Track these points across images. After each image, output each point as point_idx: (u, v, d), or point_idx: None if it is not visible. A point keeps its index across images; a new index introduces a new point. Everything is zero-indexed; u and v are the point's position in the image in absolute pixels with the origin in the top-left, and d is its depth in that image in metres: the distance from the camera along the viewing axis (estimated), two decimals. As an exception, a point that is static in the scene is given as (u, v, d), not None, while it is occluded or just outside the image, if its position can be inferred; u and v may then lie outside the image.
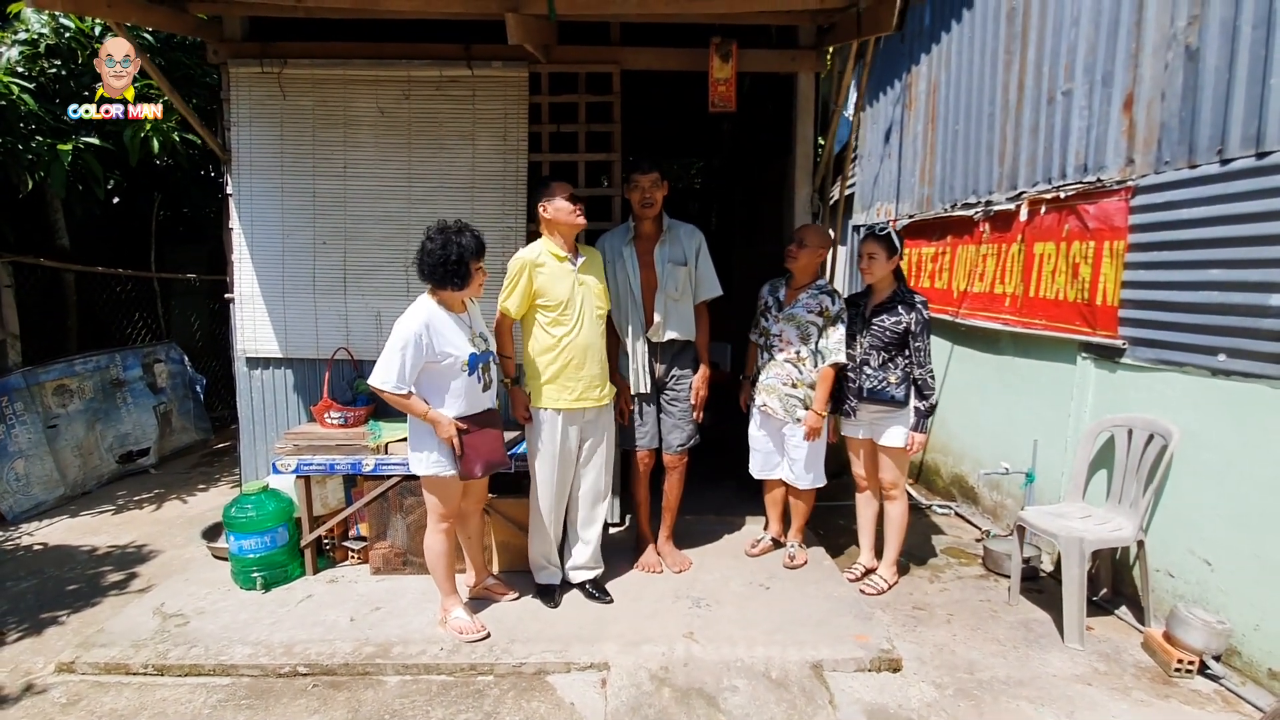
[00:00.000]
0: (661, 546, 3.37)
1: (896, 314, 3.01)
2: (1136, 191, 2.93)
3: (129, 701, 2.42)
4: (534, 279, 2.79)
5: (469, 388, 2.63)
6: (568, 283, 2.81)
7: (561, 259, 2.83)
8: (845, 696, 2.40)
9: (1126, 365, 3.01)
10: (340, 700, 2.41)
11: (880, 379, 3.04)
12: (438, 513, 2.72)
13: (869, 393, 3.06)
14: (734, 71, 3.33)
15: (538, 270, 2.79)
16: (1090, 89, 3.24)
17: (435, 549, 2.75)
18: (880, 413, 3.09)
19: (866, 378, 3.06)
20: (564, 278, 2.82)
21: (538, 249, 2.85)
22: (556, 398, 2.83)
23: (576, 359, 2.83)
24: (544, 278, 2.80)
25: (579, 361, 2.83)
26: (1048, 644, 2.75)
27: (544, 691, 2.45)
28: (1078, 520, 2.90)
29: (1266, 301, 2.38)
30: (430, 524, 2.76)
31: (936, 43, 4.80)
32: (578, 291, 2.83)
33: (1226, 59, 2.54)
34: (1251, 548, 2.48)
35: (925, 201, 4.94)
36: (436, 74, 3.48)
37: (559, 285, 2.80)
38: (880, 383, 3.04)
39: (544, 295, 2.80)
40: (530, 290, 2.79)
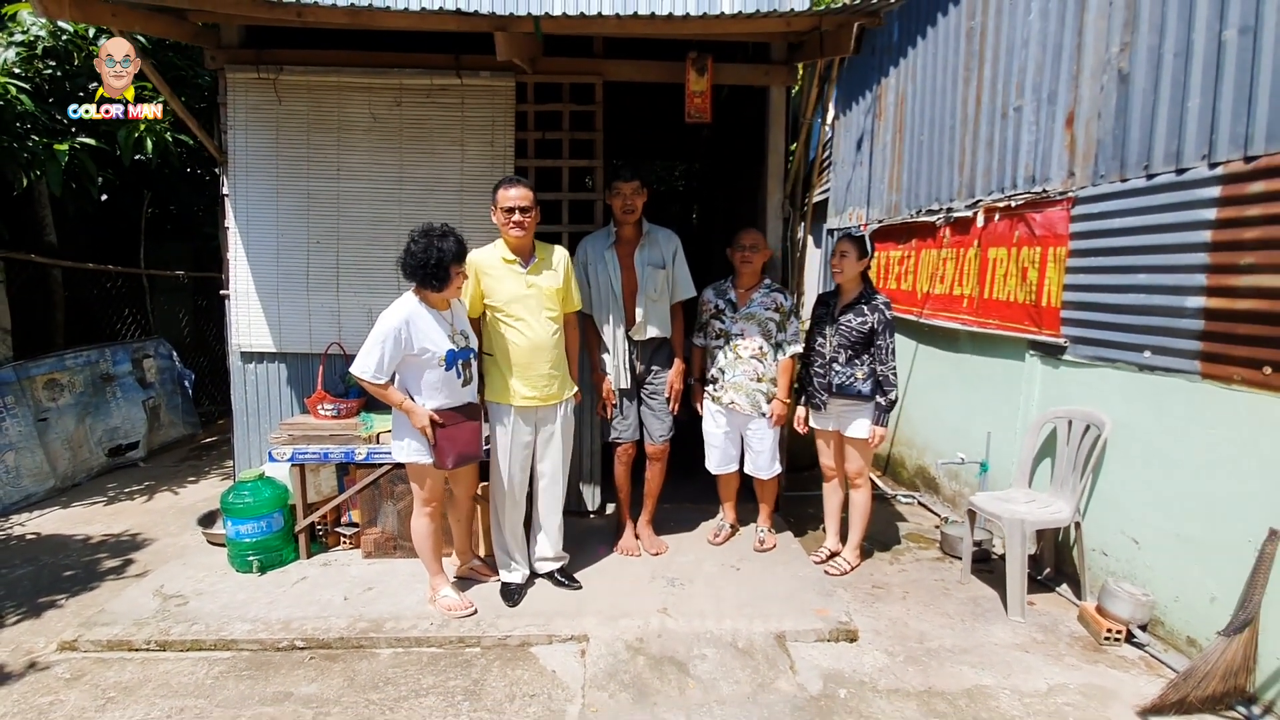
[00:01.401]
0: (641, 530, 3.56)
1: (862, 314, 3.19)
2: (1076, 202, 3.18)
3: (132, 675, 2.56)
4: (480, 280, 2.90)
5: (448, 382, 2.76)
6: (515, 285, 2.90)
7: (510, 262, 2.91)
8: (805, 663, 2.62)
9: (1068, 362, 3.27)
10: (336, 670, 2.58)
11: (848, 375, 3.23)
12: (421, 497, 2.87)
13: (838, 388, 3.25)
14: (709, 84, 3.54)
15: (484, 273, 2.90)
16: (1038, 106, 3.50)
17: (420, 531, 2.91)
18: (847, 406, 3.28)
19: (835, 374, 3.25)
20: (511, 280, 2.90)
21: (489, 251, 2.95)
22: (510, 394, 2.92)
23: (526, 358, 2.91)
24: (490, 280, 2.90)
25: (528, 361, 2.91)
26: (993, 617, 2.99)
27: (528, 661, 2.64)
28: (1022, 504, 3.15)
29: (1183, 304, 2.64)
30: (415, 508, 2.92)
31: (904, 57, 5.06)
32: (526, 293, 2.91)
33: (1152, 83, 2.80)
34: (1173, 527, 2.73)
35: (894, 207, 5.20)
36: (427, 82, 3.65)
37: (505, 287, 2.89)
38: (848, 378, 3.23)
39: (490, 296, 2.91)
40: (478, 291, 2.91)
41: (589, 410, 3.69)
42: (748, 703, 2.39)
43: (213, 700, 2.40)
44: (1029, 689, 2.48)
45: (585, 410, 3.66)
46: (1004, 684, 2.51)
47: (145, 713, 2.34)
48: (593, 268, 3.30)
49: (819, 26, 2.90)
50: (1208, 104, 2.55)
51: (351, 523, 3.52)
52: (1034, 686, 2.50)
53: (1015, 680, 2.54)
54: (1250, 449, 2.40)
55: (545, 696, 2.42)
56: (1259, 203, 2.35)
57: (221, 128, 3.72)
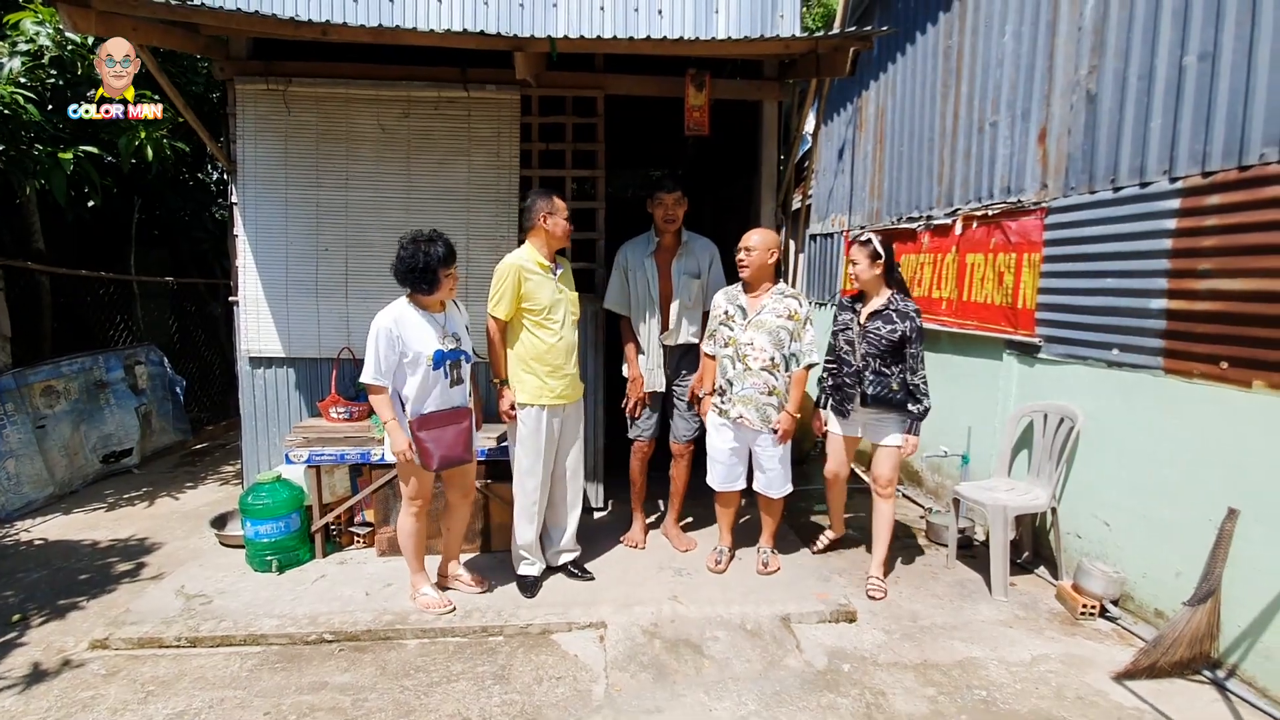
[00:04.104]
0: (670, 530, 3.68)
1: (892, 321, 3.08)
2: (1049, 212, 3.44)
3: (167, 670, 2.65)
4: (522, 283, 3.01)
5: (437, 382, 2.84)
6: (550, 289, 3.06)
7: (545, 268, 3.06)
8: (809, 642, 2.81)
9: (1043, 360, 3.52)
10: (367, 660, 2.69)
11: (882, 385, 3.12)
12: (407, 494, 2.93)
13: (872, 398, 3.14)
14: (708, 99, 3.73)
15: (525, 276, 3.00)
16: (1013, 122, 3.75)
17: (405, 529, 2.97)
18: (877, 415, 3.20)
19: (869, 383, 3.14)
20: (547, 285, 3.05)
21: (524, 255, 3.04)
22: (541, 395, 3.06)
23: (559, 360, 3.09)
24: (531, 284, 3.00)
25: (561, 362, 3.10)
26: (978, 598, 3.22)
27: (549, 648, 2.78)
28: (1003, 492, 3.38)
29: (1148, 305, 2.89)
30: (403, 506, 2.96)
31: (884, 72, 5.31)
32: (559, 298, 3.11)
33: (1118, 103, 3.06)
34: (1140, 509, 2.98)
35: (875, 214, 5.45)
36: (435, 95, 3.78)
37: (543, 291, 3.03)
38: (883, 389, 3.12)
39: (530, 300, 3.01)
40: (519, 294, 3.01)
41: (592, 409, 3.84)
42: (760, 679, 2.57)
43: (251, 691, 2.50)
44: (1014, 659, 2.71)
45: (589, 409, 3.81)
46: (992, 655, 2.73)
47: (187, 704, 2.43)
48: (633, 274, 3.46)
49: (815, 49, 3.10)
50: (1169, 123, 2.81)
51: (365, 522, 3.63)
52: (1019, 657, 2.72)
53: (1002, 652, 2.76)
54: (1209, 436, 2.66)
55: (571, 678, 2.57)
56: (1216, 214, 2.61)
57: (230, 137, 3.80)
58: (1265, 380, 2.43)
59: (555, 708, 2.41)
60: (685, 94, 3.71)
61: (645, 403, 3.50)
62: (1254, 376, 2.47)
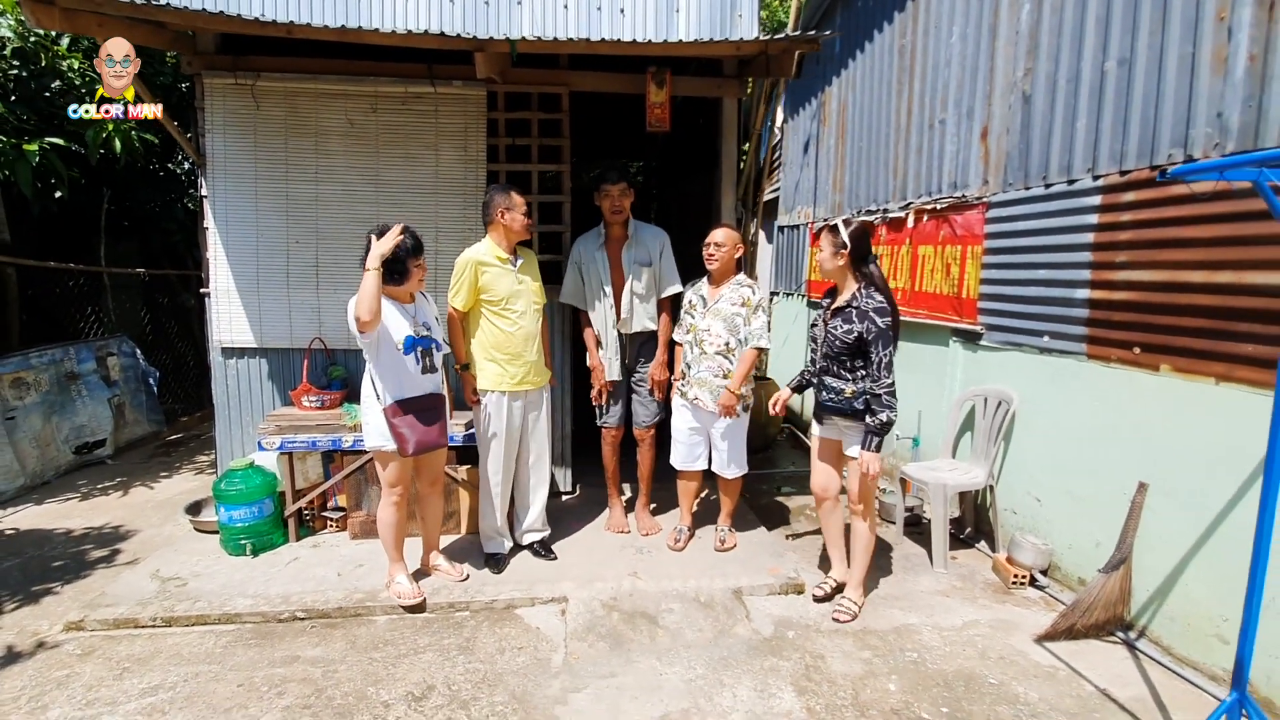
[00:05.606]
0: (639, 514, 3.82)
1: (850, 321, 2.79)
2: (990, 206, 3.63)
3: (143, 648, 2.76)
4: (479, 276, 3.13)
5: (408, 368, 2.93)
6: (509, 281, 3.18)
7: (504, 260, 3.17)
8: (759, 612, 2.99)
9: (984, 346, 3.72)
10: (338, 635, 2.82)
11: (836, 391, 2.86)
12: (387, 481, 3.02)
13: (822, 405, 2.96)
14: (669, 96, 3.86)
15: (482, 269, 3.13)
16: (959, 120, 3.93)
17: (385, 519, 3.04)
18: (849, 422, 2.90)
19: (824, 389, 2.92)
20: (505, 276, 3.17)
21: (482, 249, 3.16)
22: (501, 381, 3.21)
23: (518, 348, 3.21)
24: (488, 276, 3.13)
25: (520, 349, 3.22)
26: (920, 571, 3.43)
27: (513, 621, 2.93)
28: (946, 472, 3.59)
29: (1073, 295, 3.09)
30: (383, 495, 3.05)
31: (845, 68, 5.47)
32: (518, 289, 3.22)
33: (1050, 104, 3.24)
34: (1065, 486, 3.20)
35: (837, 207, 5.63)
36: (402, 90, 3.86)
37: (501, 283, 3.15)
38: (836, 395, 2.86)
39: (488, 291, 3.14)
40: (476, 286, 3.14)
41: (560, 397, 3.98)
42: (710, 646, 2.74)
43: (225, 665, 2.62)
44: (947, 625, 2.91)
45: (557, 397, 3.95)
46: (927, 622, 2.93)
47: (162, 678, 2.55)
48: (585, 266, 3.58)
49: (765, 51, 3.24)
50: (1093, 124, 2.99)
51: (338, 507, 3.74)
52: (951, 623, 2.93)
53: (936, 619, 2.96)
54: (1125, 416, 2.87)
55: (532, 648, 2.73)
56: (1130, 209, 2.81)
57: (199, 131, 3.85)
58: (1171, 364, 2.64)
59: (516, 675, 2.56)
60: (646, 91, 3.83)
61: (609, 390, 3.65)
62: (1161, 360, 2.68)
